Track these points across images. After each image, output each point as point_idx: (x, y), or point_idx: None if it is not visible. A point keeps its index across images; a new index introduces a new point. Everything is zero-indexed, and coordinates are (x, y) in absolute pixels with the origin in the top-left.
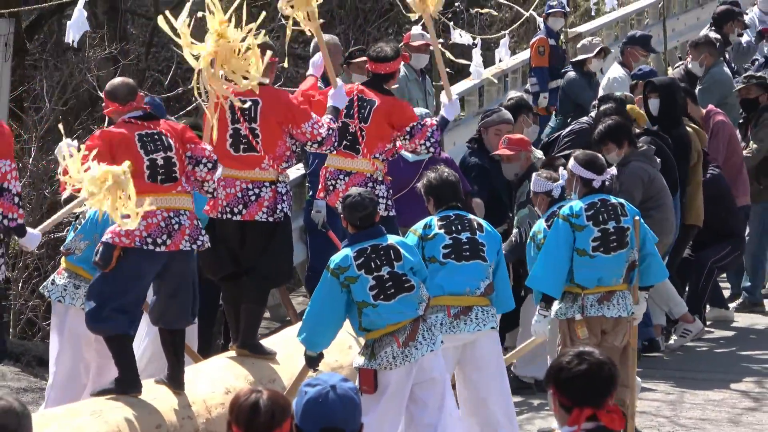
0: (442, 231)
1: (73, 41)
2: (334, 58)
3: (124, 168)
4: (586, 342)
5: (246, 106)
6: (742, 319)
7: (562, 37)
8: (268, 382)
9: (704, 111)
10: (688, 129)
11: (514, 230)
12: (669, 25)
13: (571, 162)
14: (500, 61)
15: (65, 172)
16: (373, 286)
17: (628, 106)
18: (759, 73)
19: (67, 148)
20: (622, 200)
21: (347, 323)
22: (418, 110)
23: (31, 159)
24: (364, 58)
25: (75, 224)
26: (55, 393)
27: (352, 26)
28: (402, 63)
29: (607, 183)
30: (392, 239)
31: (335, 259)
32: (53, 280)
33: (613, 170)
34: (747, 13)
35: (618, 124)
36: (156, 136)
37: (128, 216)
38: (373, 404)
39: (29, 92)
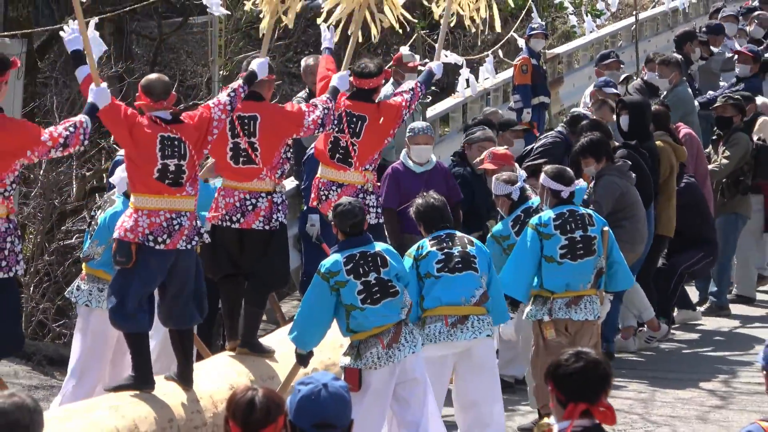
0: (434, 248)
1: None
2: (315, 73)
3: None
4: (557, 342)
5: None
6: (709, 323)
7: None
8: (267, 378)
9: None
10: (666, 144)
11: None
12: (641, 47)
13: (542, 176)
14: (486, 78)
15: None
16: (361, 290)
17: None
18: (737, 94)
19: None
20: (590, 211)
21: (335, 324)
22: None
23: (42, 171)
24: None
25: (89, 231)
26: (72, 390)
27: (342, 46)
28: (392, 81)
29: (585, 197)
30: (379, 247)
31: (326, 263)
32: (78, 285)
33: (582, 182)
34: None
35: (598, 139)
36: (176, 142)
37: None
38: (358, 402)
39: (40, 108)
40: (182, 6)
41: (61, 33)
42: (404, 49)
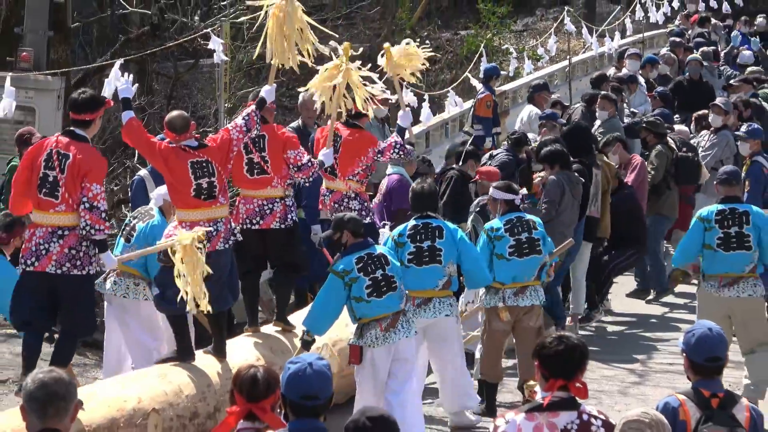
0: (408, 240)
1: (109, 93)
2: (310, 108)
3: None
4: (509, 322)
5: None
6: (640, 308)
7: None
8: (281, 352)
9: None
10: (604, 163)
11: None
12: (573, 85)
13: (493, 191)
14: (455, 106)
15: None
16: (369, 285)
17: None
18: (652, 118)
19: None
20: (534, 218)
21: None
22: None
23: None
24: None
25: (122, 234)
26: (108, 366)
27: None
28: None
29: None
30: (380, 249)
31: (340, 264)
32: (115, 281)
33: (524, 191)
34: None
35: (555, 150)
36: (204, 164)
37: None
38: (359, 372)
39: None
40: (194, 50)
41: (117, 83)
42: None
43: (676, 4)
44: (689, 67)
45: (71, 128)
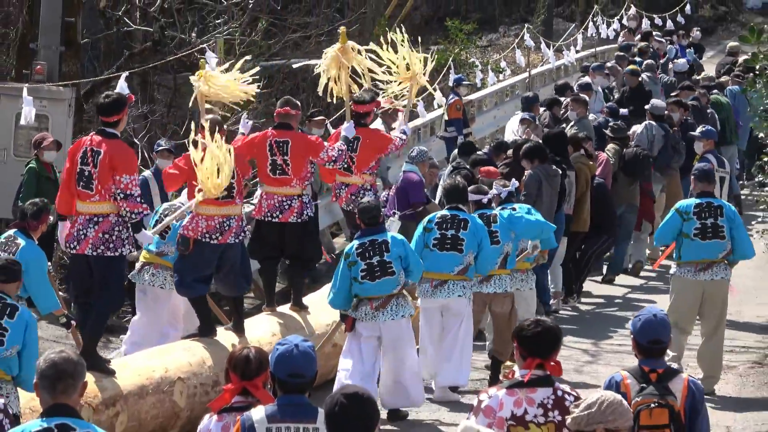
0: (435, 227)
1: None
2: (296, 116)
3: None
4: (478, 310)
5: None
6: (602, 290)
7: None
8: (294, 329)
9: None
10: (584, 164)
11: None
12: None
13: (469, 194)
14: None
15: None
16: (363, 269)
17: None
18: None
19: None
20: (471, 216)
21: None
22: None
23: None
24: (322, 117)
25: (152, 221)
26: (131, 346)
27: (311, 93)
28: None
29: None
30: (388, 235)
31: (346, 249)
32: (153, 272)
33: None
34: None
35: (533, 146)
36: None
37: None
38: (350, 338)
39: None
40: (191, 63)
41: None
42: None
43: (625, 22)
44: (625, 78)
45: (102, 127)
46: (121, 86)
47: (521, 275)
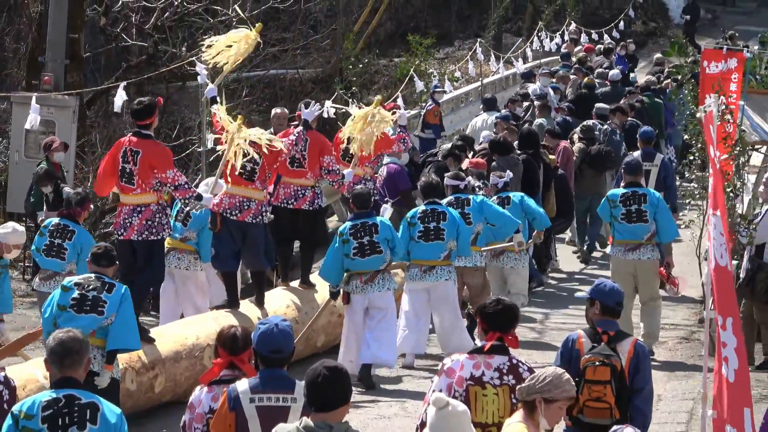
0: (418, 221)
1: (117, 109)
2: (281, 122)
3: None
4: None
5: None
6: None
7: None
8: (306, 302)
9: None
10: (548, 159)
11: None
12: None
13: (445, 179)
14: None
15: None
16: (356, 247)
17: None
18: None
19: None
20: (448, 210)
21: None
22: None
23: (89, 185)
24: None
25: (177, 218)
26: (163, 319)
27: (288, 101)
28: None
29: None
30: (377, 219)
31: (340, 228)
32: (178, 257)
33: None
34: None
35: (495, 140)
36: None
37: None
38: (347, 309)
39: (88, 142)
40: (182, 74)
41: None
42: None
43: (567, 37)
44: (571, 85)
45: (138, 129)
46: (120, 95)
47: (515, 255)
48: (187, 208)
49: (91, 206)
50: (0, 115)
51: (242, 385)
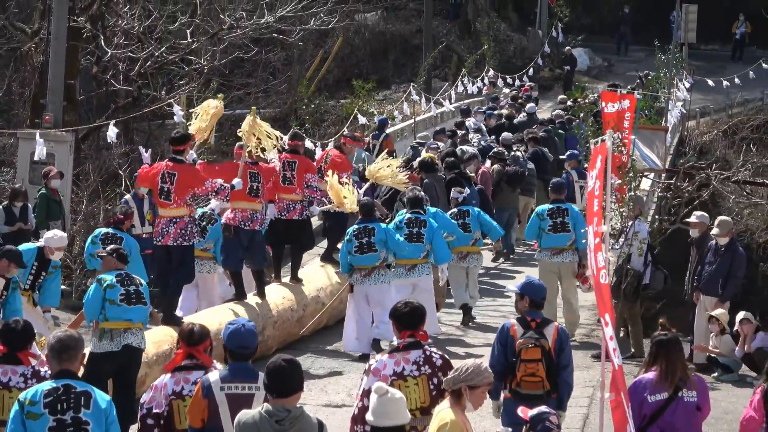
0: (405, 226)
1: (111, 140)
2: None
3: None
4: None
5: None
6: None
7: None
8: (298, 293)
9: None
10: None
11: None
12: (416, 136)
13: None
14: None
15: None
16: (356, 246)
17: None
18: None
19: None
20: (425, 219)
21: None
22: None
23: (84, 206)
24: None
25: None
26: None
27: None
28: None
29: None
30: (374, 224)
31: (348, 230)
32: (200, 263)
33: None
34: (466, 122)
35: (423, 161)
36: (257, 176)
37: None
38: (351, 298)
39: (82, 171)
40: (162, 114)
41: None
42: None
43: (486, 81)
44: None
45: (173, 155)
46: (111, 131)
47: (476, 256)
48: (203, 224)
49: (133, 219)
50: (8, 149)
51: (213, 375)
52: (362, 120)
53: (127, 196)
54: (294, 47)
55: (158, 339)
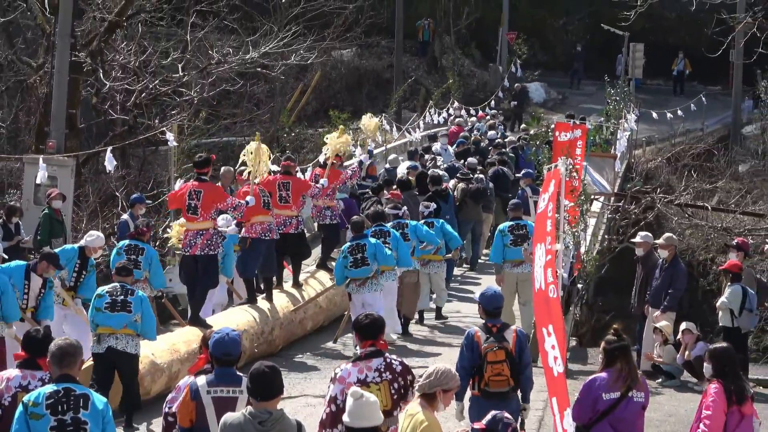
0: (374, 240)
1: (109, 169)
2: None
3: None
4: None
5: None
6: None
7: None
8: (296, 301)
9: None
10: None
11: None
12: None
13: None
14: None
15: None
16: (351, 261)
17: None
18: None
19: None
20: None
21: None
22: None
23: (83, 225)
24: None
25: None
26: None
27: (237, 162)
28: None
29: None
30: (366, 240)
31: (343, 247)
32: None
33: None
34: (433, 147)
35: (400, 180)
36: (268, 192)
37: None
38: (351, 305)
39: (82, 193)
40: (155, 141)
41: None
42: None
43: (452, 111)
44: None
45: (198, 176)
46: (109, 157)
47: (437, 264)
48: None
49: (152, 231)
50: (14, 172)
51: (201, 380)
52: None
53: (125, 216)
54: (276, 80)
55: (187, 338)
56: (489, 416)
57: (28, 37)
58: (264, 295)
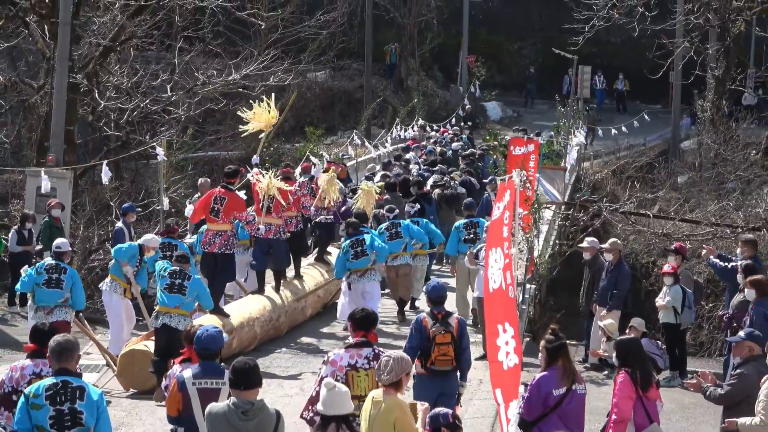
0: (351, 247)
1: (104, 181)
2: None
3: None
4: (392, 276)
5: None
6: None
7: None
8: (300, 289)
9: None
10: None
11: None
12: (360, 174)
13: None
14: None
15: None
16: (353, 254)
17: None
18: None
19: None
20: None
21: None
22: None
23: (80, 232)
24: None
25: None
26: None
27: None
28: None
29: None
30: (364, 236)
31: (342, 243)
32: None
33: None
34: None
35: (386, 183)
36: (273, 198)
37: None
38: (350, 294)
39: (79, 203)
40: (146, 155)
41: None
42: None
43: (416, 128)
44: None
45: (225, 184)
46: (105, 170)
47: (422, 257)
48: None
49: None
50: (18, 184)
51: (187, 373)
52: (314, 160)
53: (119, 224)
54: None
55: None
56: (428, 419)
57: (29, 60)
58: (273, 286)
